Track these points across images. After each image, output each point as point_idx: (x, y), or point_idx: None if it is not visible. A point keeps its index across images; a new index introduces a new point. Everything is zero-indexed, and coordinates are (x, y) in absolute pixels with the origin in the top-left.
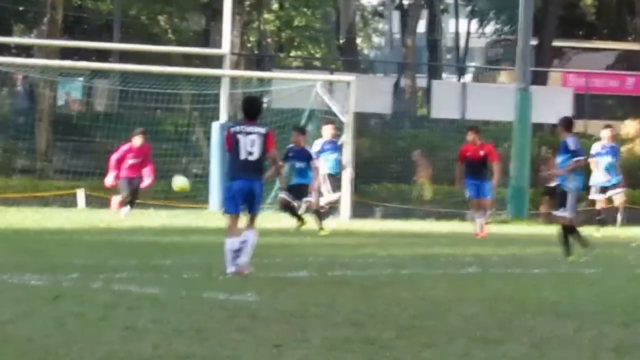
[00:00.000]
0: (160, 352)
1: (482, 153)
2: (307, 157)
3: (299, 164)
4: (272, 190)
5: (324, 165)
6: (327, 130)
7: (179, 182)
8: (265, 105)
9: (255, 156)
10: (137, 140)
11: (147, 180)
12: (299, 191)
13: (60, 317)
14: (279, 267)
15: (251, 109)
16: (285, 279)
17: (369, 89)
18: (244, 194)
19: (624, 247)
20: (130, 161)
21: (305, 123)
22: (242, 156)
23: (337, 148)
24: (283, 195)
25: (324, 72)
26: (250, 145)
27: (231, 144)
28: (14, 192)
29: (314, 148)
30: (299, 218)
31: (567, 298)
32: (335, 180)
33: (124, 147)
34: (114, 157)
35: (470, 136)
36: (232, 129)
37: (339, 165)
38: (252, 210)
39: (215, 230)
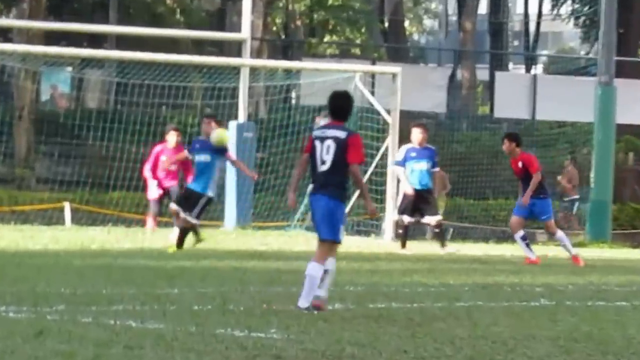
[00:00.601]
0: None
1: (520, 165)
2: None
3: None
4: (302, 205)
5: (409, 176)
6: (415, 134)
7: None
8: (292, 102)
9: (327, 166)
10: (171, 139)
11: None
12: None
13: (44, 357)
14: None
15: (337, 107)
16: (317, 311)
17: (418, 82)
18: (314, 213)
19: None
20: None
21: None
22: (317, 167)
23: (429, 156)
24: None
25: (365, 61)
26: (325, 152)
27: (310, 150)
28: None
29: (397, 156)
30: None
31: None
32: (425, 197)
33: (156, 149)
34: (147, 168)
35: (505, 146)
36: (314, 133)
37: (430, 177)
38: (320, 234)
39: (231, 253)
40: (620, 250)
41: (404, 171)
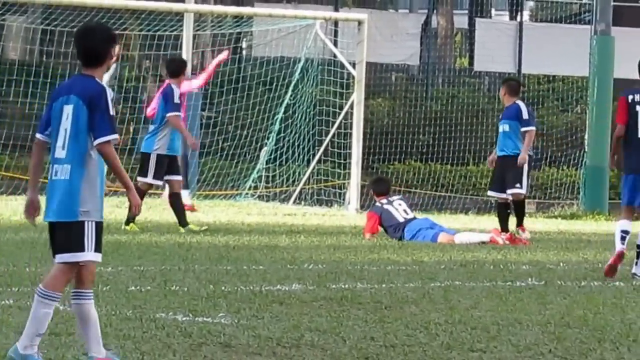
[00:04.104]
0: None
1: None
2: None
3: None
4: (254, 171)
5: None
6: None
7: None
8: (243, 53)
9: None
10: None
11: None
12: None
13: None
14: (263, 278)
15: None
16: (272, 293)
17: (387, 30)
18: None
19: None
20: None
21: (299, 77)
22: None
23: None
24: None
25: (326, 7)
26: None
27: (625, 117)
28: None
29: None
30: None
31: None
32: None
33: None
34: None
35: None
36: (629, 97)
37: None
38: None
39: (173, 227)
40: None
41: None
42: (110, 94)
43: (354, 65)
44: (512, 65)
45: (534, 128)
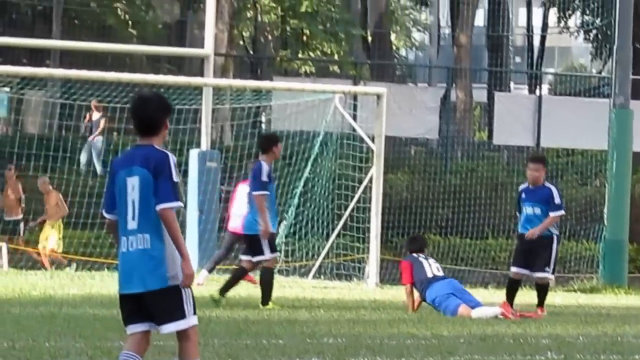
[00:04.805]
0: None
1: None
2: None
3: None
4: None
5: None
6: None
7: None
8: (262, 126)
9: None
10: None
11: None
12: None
13: None
14: (282, 352)
15: None
16: None
17: (407, 104)
18: None
19: None
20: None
21: (318, 151)
22: None
23: None
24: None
25: (345, 80)
26: None
27: None
28: None
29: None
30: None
31: None
32: None
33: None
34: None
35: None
36: None
37: None
38: None
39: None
40: (638, 297)
41: None
42: (173, 160)
43: (373, 139)
44: (531, 138)
45: (563, 213)
